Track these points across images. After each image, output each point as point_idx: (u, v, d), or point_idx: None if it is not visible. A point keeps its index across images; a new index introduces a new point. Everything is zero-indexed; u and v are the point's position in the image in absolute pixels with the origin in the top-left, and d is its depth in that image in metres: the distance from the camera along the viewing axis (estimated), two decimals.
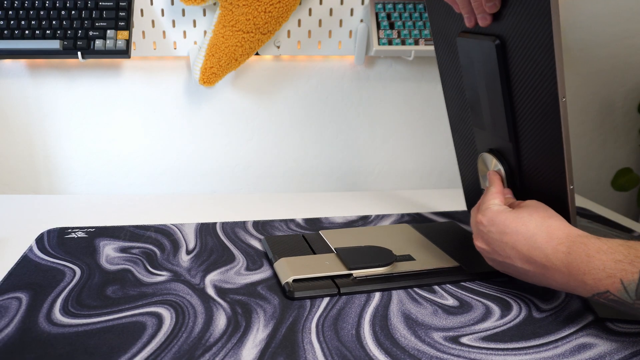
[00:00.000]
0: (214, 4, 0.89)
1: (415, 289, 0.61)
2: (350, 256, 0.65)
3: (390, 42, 0.94)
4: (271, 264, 0.66)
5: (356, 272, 0.62)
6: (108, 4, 0.86)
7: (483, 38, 0.58)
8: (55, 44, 0.84)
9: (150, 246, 0.71)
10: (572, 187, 0.56)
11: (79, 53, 0.85)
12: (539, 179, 0.60)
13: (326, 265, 0.63)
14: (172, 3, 0.91)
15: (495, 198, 0.59)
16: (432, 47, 0.94)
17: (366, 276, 0.62)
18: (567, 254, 0.50)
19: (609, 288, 0.47)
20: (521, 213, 0.55)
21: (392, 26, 0.94)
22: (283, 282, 0.60)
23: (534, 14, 0.51)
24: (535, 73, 0.54)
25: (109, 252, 0.68)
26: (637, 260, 0.46)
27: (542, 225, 0.53)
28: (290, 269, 0.62)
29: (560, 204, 0.57)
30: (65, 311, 0.54)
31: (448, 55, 0.68)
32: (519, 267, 0.55)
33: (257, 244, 0.73)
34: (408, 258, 0.67)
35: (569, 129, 0.53)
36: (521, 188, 0.64)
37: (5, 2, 0.85)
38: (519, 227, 0.54)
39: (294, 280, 0.60)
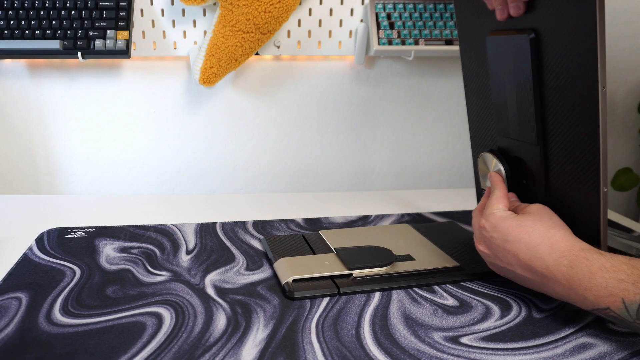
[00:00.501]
0: (214, 4, 0.89)
1: (415, 289, 0.61)
2: (350, 256, 0.65)
3: (390, 42, 0.94)
4: (271, 264, 0.66)
5: (356, 272, 0.62)
6: (108, 4, 0.86)
7: (516, 33, 0.56)
8: (55, 44, 0.84)
9: (150, 246, 0.71)
10: (605, 190, 0.53)
11: (79, 53, 0.85)
12: (567, 182, 0.57)
13: (326, 265, 0.63)
14: (172, 3, 0.91)
15: (500, 203, 0.59)
16: (431, 47, 0.94)
17: (366, 276, 0.62)
18: (569, 268, 0.50)
19: (610, 305, 0.47)
20: (525, 221, 0.55)
21: (392, 26, 0.94)
22: (283, 282, 0.60)
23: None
24: (573, 63, 0.51)
25: (109, 252, 0.68)
26: None
27: (545, 235, 0.53)
28: (290, 269, 0.62)
29: (591, 209, 0.55)
30: (65, 311, 0.54)
31: (474, 59, 0.67)
32: (520, 274, 0.55)
33: (257, 244, 0.73)
34: (408, 258, 0.67)
35: (607, 122, 0.50)
36: (546, 194, 0.61)
37: (5, 2, 0.85)
38: (521, 235, 0.54)
39: (294, 280, 0.60)
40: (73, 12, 0.86)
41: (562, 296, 0.52)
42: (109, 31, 0.86)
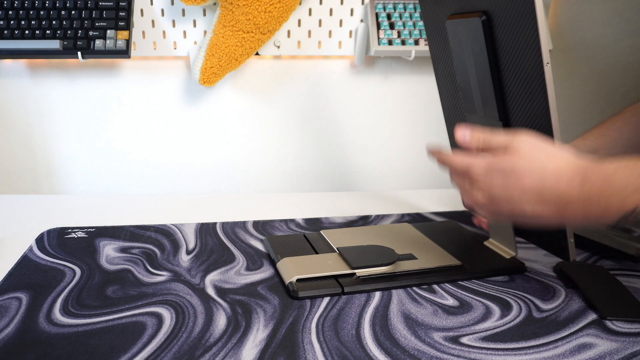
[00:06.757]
0: (214, 4, 0.89)
1: (415, 289, 0.61)
2: (353, 255, 0.65)
3: (390, 42, 0.94)
4: (272, 264, 0.66)
5: (359, 271, 0.62)
6: (108, 4, 0.86)
7: (470, 16, 0.59)
8: (55, 44, 0.84)
9: (150, 246, 0.70)
10: None
11: (79, 53, 0.85)
12: None
13: (329, 265, 0.63)
14: (172, 3, 0.91)
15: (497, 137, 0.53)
16: None
17: (369, 275, 0.62)
18: (582, 184, 0.47)
19: (638, 204, 0.45)
20: (519, 152, 0.50)
21: (392, 26, 0.94)
22: (287, 281, 0.60)
23: None
24: (519, 42, 0.54)
25: (109, 252, 0.68)
26: None
27: (549, 162, 0.49)
28: (293, 269, 0.62)
29: None
30: (65, 311, 0.54)
31: (439, 42, 0.69)
32: (529, 210, 0.50)
33: (257, 244, 0.73)
34: (410, 257, 0.67)
35: (555, 97, 0.53)
36: None
37: (5, 2, 0.85)
38: (523, 166, 0.49)
39: (298, 280, 0.60)
40: (73, 12, 0.86)
41: (583, 218, 0.48)
42: (109, 31, 0.86)
